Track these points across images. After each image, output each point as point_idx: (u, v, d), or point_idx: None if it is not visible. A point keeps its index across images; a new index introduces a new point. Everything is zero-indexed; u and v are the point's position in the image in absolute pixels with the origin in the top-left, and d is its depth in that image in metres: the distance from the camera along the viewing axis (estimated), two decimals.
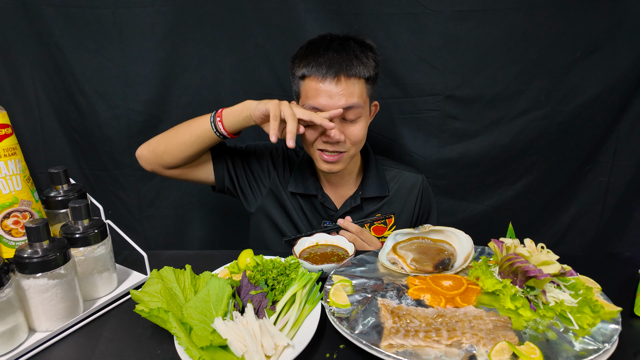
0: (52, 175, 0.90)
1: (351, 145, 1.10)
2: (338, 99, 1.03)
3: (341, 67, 1.03)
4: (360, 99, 1.06)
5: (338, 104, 1.03)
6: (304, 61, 1.07)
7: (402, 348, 0.67)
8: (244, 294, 0.81)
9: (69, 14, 1.35)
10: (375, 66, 1.09)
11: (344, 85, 1.03)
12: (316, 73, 1.04)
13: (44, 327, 0.77)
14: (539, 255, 0.77)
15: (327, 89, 1.04)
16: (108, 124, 1.47)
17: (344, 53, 1.04)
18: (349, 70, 1.03)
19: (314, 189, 1.22)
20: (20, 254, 0.73)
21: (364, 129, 1.11)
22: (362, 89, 1.06)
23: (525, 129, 1.41)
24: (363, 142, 1.14)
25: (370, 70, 1.07)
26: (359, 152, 1.24)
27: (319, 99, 1.04)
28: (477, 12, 1.29)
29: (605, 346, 0.65)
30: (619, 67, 1.32)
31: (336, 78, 1.03)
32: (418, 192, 1.26)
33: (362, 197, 1.22)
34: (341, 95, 1.03)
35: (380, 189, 1.23)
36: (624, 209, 1.48)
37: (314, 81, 1.05)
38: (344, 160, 1.13)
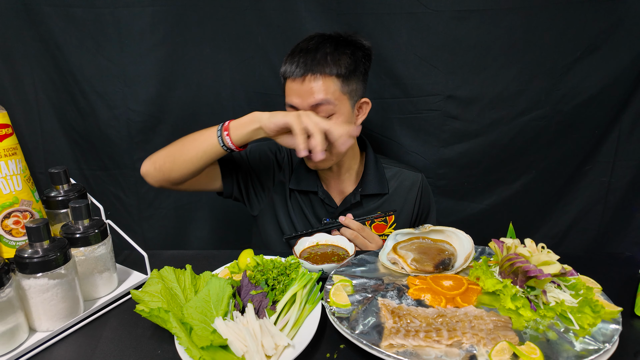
0: (53, 175, 0.91)
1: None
2: (307, 97, 1.07)
3: (307, 66, 1.06)
4: (331, 95, 1.06)
5: (307, 101, 1.07)
6: (284, 62, 1.12)
7: (402, 348, 0.67)
8: (245, 293, 0.81)
9: (69, 14, 1.34)
10: (350, 62, 1.09)
11: (312, 84, 1.06)
12: (289, 74, 1.09)
13: (45, 327, 0.77)
14: (539, 255, 0.77)
15: (297, 87, 1.08)
16: (108, 124, 1.47)
17: (315, 53, 1.07)
18: (315, 69, 1.06)
19: (314, 186, 1.23)
20: (20, 253, 0.73)
21: None
22: (334, 86, 1.07)
23: (525, 128, 1.41)
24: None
25: (342, 67, 1.07)
26: (358, 149, 1.25)
27: (292, 98, 1.09)
28: (478, 12, 1.29)
29: (606, 346, 0.65)
30: (618, 66, 1.32)
31: (302, 77, 1.06)
32: (418, 190, 1.27)
33: (361, 193, 1.22)
34: (308, 94, 1.06)
35: (380, 186, 1.23)
36: (625, 209, 1.48)
37: (288, 81, 1.10)
38: (327, 157, 1.12)
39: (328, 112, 1.08)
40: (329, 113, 1.08)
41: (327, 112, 1.08)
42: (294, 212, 1.25)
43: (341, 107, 1.09)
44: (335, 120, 1.08)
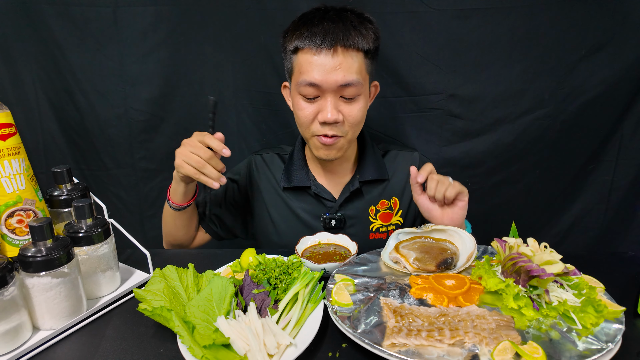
0: (56, 174, 0.91)
1: (349, 128, 1.03)
2: (335, 74, 0.94)
3: (337, 36, 0.93)
4: (360, 75, 0.97)
5: (335, 78, 0.94)
6: (297, 33, 0.98)
7: (404, 347, 0.67)
8: (247, 292, 0.81)
9: (69, 13, 1.34)
10: (375, 39, 1.00)
11: (341, 58, 0.94)
12: (310, 44, 0.94)
13: (48, 325, 0.77)
14: (542, 255, 0.77)
15: (322, 61, 0.94)
16: (109, 124, 1.47)
17: (341, 23, 0.95)
18: (346, 41, 0.93)
19: (306, 181, 1.17)
20: (24, 252, 0.73)
21: (363, 109, 1.03)
22: (361, 64, 0.97)
23: (529, 128, 1.41)
24: (361, 125, 1.07)
25: (369, 42, 0.97)
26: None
27: (313, 73, 0.95)
28: (480, 11, 1.29)
29: (609, 346, 0.65)
30: (623, 65, 1.31)
31: (332, 49, 0.93)
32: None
33: (360, 180, 1.15)
34: (338, 70, 0.94)
35: (379, 171, 1.17)
36: (628, 208, 1.47)
37: (307, 53, 0.95)
38: (341, 145, 1.05)
39: (354, 93, 0.98)
40: (355, 94, 0.98)
41: (353, 93, 0.97)
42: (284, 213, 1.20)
43: (365, 88, 1.00)
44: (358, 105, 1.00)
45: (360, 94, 1.00)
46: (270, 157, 1.26)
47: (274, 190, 1.22)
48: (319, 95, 0.99)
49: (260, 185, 1.24)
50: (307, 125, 1.04)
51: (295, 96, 1.05)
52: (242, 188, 1.26)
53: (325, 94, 0.98)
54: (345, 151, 1.11)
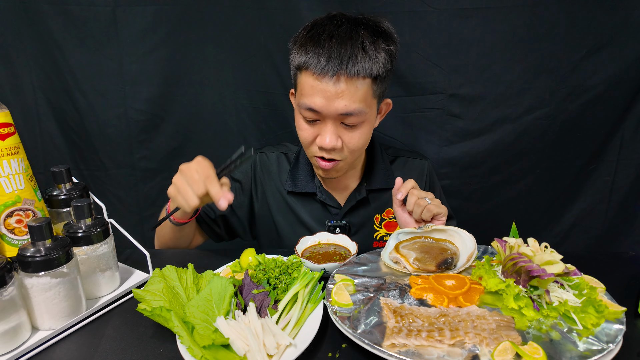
0: (55, 174, 0.91)
1: (348, 154, 1.00)
2: (336, 102, 0.90)
3: (342, 63, 0.87)
4: (364, 103, 0.91)
5: (335, 107, 0.90)
6: (303, 49, 0.92)
7: (404, 348, 0.66)
8: (246, 292, 0.81)
9: (68, 12, 1.34)
10: (387, 61, 0.93)
11: (344, 86, 0.89)
12: (313, 67, 0.89)
13: (47, 325, 0.77)
14: (542, 255, 0.77)
15: (324, 87, 0.89)
16: (108, 124, 1.47)
17: (349, 44, 0.88)
18: (351, 68, 0.88)
19: (312, 187, 1.14)
20: (23, 252, 0.73)
21: (366, 135, 0.98)
22: (367, 90, 0.92)
23: (530, 128, 1.41)
24: (363, 149, 1.05)
25: (379, 66, 0.90)
26: None
27: (314, 98, 0.91)
28: (480, 10, 1.29)
29: (610, 346, 0.64)
30: (623, 65, 1.31)
31: (335, 77, 0.88)
32: (425, 177, 1.20)
33: (367, 189, 1.12)
34: (340, 98, 0.89)
35: (387, 180, 1.13)
36: (629, 208, 1.47)
37: (310, 77, 0.91)
38: (340, 168, 1.03)
39: (357, 122, 0.94)
40: (357, 122, 0.94)
41: (355, 122, 0.93)
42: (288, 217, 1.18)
43: (370, 114, 0.95)
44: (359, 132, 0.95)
45: (364, 121, 0.96)
46: (275, 157, 1.21)
47: (278, 193, 1.19)
48: (319, 119, 0.96)
49: (265, 187, 1.20)
50: (307, 145, 1.03)
51: (297, 114, 1.02)
52: (246, 188, 1.22)
53: (325, 120, 0.95)
54: (346, 172, 1.08)
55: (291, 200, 1.18)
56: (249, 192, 1.22)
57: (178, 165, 0.89)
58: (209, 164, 0.86)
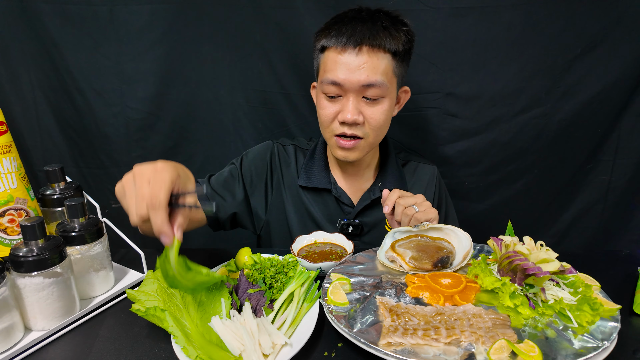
0: (48, 173, 0.90)
1: (370, 131, 1.00)
2: (358, 73, 0.92)
3: (364, 36, 0.92)
4: (385, 76, 0.94)
5: (357, 78, 0.93)
6: (326, 32, 0.98)
7: (400, 346, 0.66)
8: (242, 292, 0.81)
9: (66, 11, 1.34)
10: (406, 41, 0.97)
11: (366, 57, 0.92)
12: (336, 43, 0.94)
13: (40, 326, 0.76)
14: (538, 253, 0.77)
15: (347, 60, 0.93)
16: (106, 122, 1.46)
17: (370, 22, 0.93)
18: (372, 40, 0.92)
19: (327, 183, 1.13)
20: (15, 252, 0.72)
21: (387, 112, 0.99)
22: (388, 65, 0.95)
23: (526, 127, 1.41)
24: (384, 130, 1.04)
25: (399, 44, 0.95)
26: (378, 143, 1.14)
27: (337, 72, 0.94)
28: (476, 9, 1.29)
29: (605, 344, 0.64)
30: (619, 64, 1.31)
31: (357, 48, 0.92)
32: (435, 183, 1.21)
33: (381, 188, 1.11)
34: (362, 69, 0.92)
35: (400, 182, 1.14)
36: (624, 207, 1.48)
37: (333, 52, 0.95)
38: (361, 147, 1.02)
39: (378, 95, 0.96)
40: (378, 96, 0.96)
41: (376, 94, 0.95)
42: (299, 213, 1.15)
43: (391, 90, 0.98)
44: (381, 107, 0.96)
45: (385, 96, 0.97)
46: (293, 150, 1.20)
47: (294, 186, 1.17)
48: (341, 94, 0.98)
49: (283, 177, 1.17)
50: (327, 124, 1.03)
51: (319, 95, 1.03)
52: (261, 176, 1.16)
53: (347, 94, 0.97)
54: (366, 154, 1.07)
55: (304, 195, 1.16)
56: (264, 180, 1.18)
57: None
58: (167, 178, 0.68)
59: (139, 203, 0.67)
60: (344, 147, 1.02)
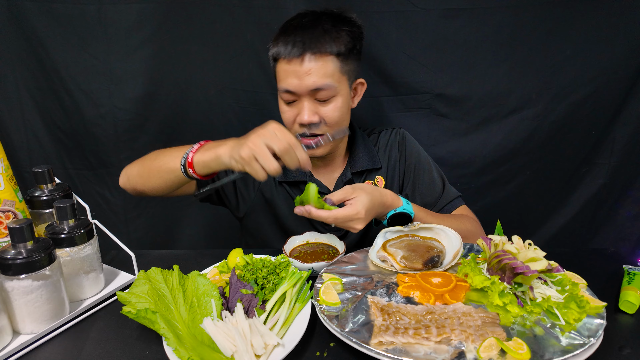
0: (37, 174, 0.89)
1: (328, 128, 1.06)
2: (306, 80, 0.99)
3: (306, 44, 0.98)
4: (332, 77, 1.01)
5: (306, 84, 1.00)
6: (274, 42, 1.04)
7: (391, 345, 0.67)
8: (234, 292, 0.80)
9: (53, 10, 1.32)
10: (349, 40, 1.03)
11: (311, 64, 0.99)
12: (283, 53, 1.01)
13: (29, 329, 0.75)
14: (526, 252, 0.78)
15: (294, 69, 1.00)
16: (93, 123, 1.45)
17: (312, 29, 1.00)
18: (314, 47, 0.98)
19: (302, 175, 1.17)
20: (3, 255, 0.71)
21: (340, 109, 1.05)
22: (334, 67, 1.01)
23: (517, 127, 1.42)
24: (343, 124, 1.09)
25: (341, 45, 1.01)
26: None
27: (288, 80, 1.02)
28: (466, 11, 1.30)
29: (591, 341, 0.66)
30: (610, 65, 1.33)
31: (301, 57, 0.99)
32: (398, 146, 1.22)
33: (352, 171, 1.17)
34: (309, 76, 0.99)
35: (371, 160, 1.19)
36: (610, 205, 1.50)
37: (282, 62, 1.02)
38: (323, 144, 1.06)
39: (328, 95, 1.02)
40: (329, 97, 1.03)
41: (327, 96, 1.02)
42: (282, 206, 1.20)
43: (341, 88, 1.04)
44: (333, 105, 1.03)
45: (336, 95, 1.04)
46: None
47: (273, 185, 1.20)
48: (296, 99, 1.05)
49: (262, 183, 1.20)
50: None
51: (279, 100, 1.10)
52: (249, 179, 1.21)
53: (301, 98, 1.04)
54: (332, 148, 1.13)
55: (283, 190, 1.20)
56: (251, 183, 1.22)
57: None
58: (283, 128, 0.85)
59: (282, 148, 0.81)
60: (308, 145, 1.05)
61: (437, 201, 1.21)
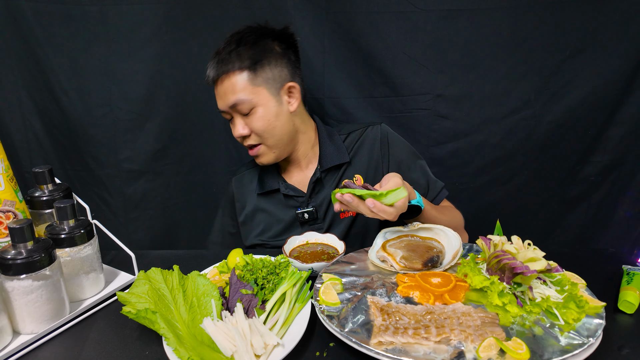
0: (37, 174, 0.89)
1: (259, 137, 1.11)
2: (225, 99, 1.08)
3: (217, 69, 1.07)
4: (244, 91, 1.06)
5: (225, 103, 1.09)
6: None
7: (391, 345, 0.67)
8: (233, 292, 0.81)
9: (54, 11, 1.32)
10: (253, 52, 1.07)
11: (225, 84, 1.07)
12: (207, 80, 1.12)
13: (29, 329, 0.75)
14: (525, 252, 0.78)
15: (217, 91, 1.11)
16: (93, 123, 1.44)
17: (222, 53, 1.08)
18: (223, 69, 1.06)
19: (275, 184, 1.21)
20: (3, 255, 0.71)
21: (263, 117, 1.08)
22: (243, 81, 1.06)
23: (516, 128, 1.42)
24: (275, 131, 1.11)
25: (244, 59, 1.06)
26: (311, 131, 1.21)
27: (218, 102, 1.12)
28: (466, 12, 1.30)
29: (590, 340, 0.66)
30: (607, 66, 1.33)
31: (218, 80, 1.08)
32: (380, 141, 1.21)
33: (321, 170, 1.18)
34: (226, 95, 1.08)
35: (338, 156, 1.19)
36: (609, 205, 1.50)
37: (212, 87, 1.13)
38: (264, 152, 1.14)
39: (247, 109, 1.08)
40: (248, 109, 1.08)
41: (246, 109, 1.07)
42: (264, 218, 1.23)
43: (259, 99, 1.08)
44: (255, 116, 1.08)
45: (255, 106, 1.08)
46: (249, 173, 1.29)
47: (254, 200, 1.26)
48: (230, 117, 1.14)
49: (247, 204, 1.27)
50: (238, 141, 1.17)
51: None
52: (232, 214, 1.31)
53: (232, 115, 1.12)
54: (280, 154, 1.16)
55: (264, 201, 1.24)
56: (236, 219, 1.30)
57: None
58: None
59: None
60: (251, 154, 1.16)
61: (427, 193, 1.22)
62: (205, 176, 1.56)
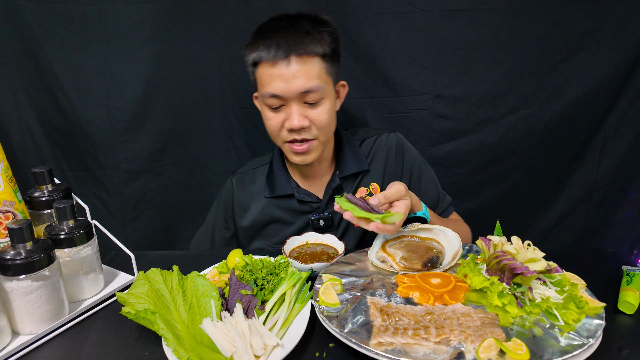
0: (36, 175, 0.89)
1: (318, 131, 1.04)
2: (294, 82, 0.96)
3: (290, 46, 0.95)
4: (320, 79, 0.98)
5: (295, 87, 0.96)
6: (253, 46, 1.00)
7: (391, 346, 0.67)
8: (233, 292, 0.81)
9: (52, 10, 1.31)
10: (331, 41, 1.01)
11: (298, 66, 0.96)
12: (266, 56, 0.97)
13: (28, 330, 0.75)
14: (525, 253, 0.78)
15: (280, 72, 0.96)
16: (91, 123, 1.44)
17: (293, 31, 0.97)
18: (299, 49, 0.95)
19: (289, 189, 1.17)
20: (2, 255, 0.71)
21: (329, 111, 1.03)
22: (320, 68, 0.99)
23: (513, 128, 1.43)
24: (332, 127, 1.08)
25: (325, 46, 0.99)
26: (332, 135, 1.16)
27: (274, 84, 0.97)
28: (465, 12, 1.31)
29: (590, 341, 0.66)
30: (604, 66, 1.33)
31: (287, 59, 0.95)
32: (395, 151, 1.20)
33: (339, 176, 1.15)
34: (297, 78, 0.96)
35: (358, 164, 1.16)
36: (609, 205, 1.51)
37: (265, 66, 0.98)
38: (315, 148, 1.06)
39: (317, 98, 0.99)
40: (318, 99, 1.00)
41: (316, 98, 0.99)
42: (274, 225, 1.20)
43: (329, 90, 1.02)
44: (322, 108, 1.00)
45: (324, 97, 1.01)
46: (250, 174, 1.24)
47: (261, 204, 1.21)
48: (283, 104, 1.01)
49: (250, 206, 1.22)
50: (276, 133, 1.06)
51: (262, 107, 1.07)
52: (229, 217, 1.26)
53: (289, 102, 1.00)
54: (321, 152, 1.10)
55: (273, 205, 1.20)
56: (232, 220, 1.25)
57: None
58: None
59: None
60: (298, 152, 1.05)
61: (436, 206, 1.21)
62: (204, 176, 1.55)
